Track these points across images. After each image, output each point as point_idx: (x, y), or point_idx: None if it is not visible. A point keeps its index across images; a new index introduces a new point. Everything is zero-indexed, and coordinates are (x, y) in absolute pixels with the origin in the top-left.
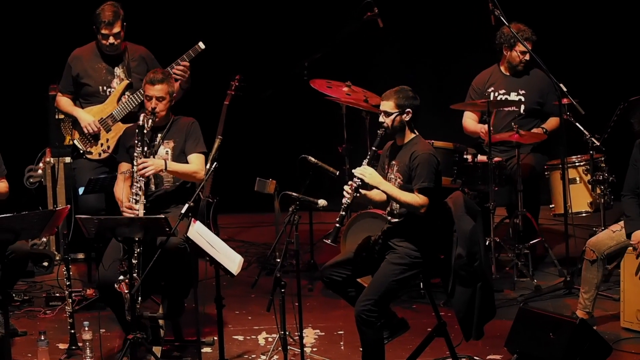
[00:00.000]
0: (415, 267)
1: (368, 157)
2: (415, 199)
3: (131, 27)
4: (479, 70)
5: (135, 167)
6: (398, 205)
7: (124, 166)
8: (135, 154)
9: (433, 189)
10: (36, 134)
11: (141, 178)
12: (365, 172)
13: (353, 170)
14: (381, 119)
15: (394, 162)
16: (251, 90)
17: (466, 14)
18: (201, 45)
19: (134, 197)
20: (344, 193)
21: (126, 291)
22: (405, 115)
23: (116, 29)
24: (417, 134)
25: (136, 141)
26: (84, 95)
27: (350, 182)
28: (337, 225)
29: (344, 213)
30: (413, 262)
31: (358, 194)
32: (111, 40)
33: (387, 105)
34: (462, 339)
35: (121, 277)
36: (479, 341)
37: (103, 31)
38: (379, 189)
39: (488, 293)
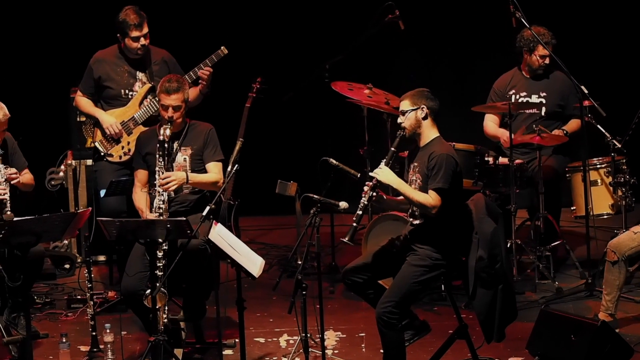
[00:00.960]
0: (435, 269)
1: (387, 157)
2: (427, 199)
3: (153, 31)
4: (500, 73)
5: (157, 181)
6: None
7: (140, 173)
8: (157, 168)
9: (447, 190)
10: (58, 137)
11: (164, 192)
12: (379, 171)
13: (370, 174)
14: (400, 119)
15: (415, 163)
16: (272, 92)
17: (487, 16)
18: (224, 49)
19: (158, 210)
20: (363, 194)
21: (158, 307)
22: (420, 111)
23: (145, 29)
24: (438, 134)
25: (157, 155)
26: (106, 99)
27: (367, 182)
28: (354, 224)
29: (360, 212)
30: (434, 263)
31: (375, 194)
32: (142, 41)
33: (404, 104)
34: (483, 341)
35: (148, 292)
36: (500, 343)
37: (133, 34)
38: (392, 187)
39: (509, 295)
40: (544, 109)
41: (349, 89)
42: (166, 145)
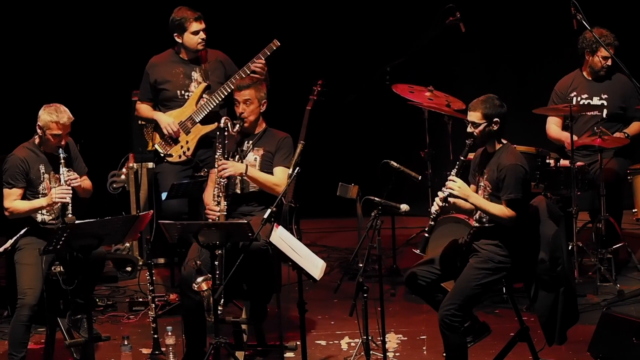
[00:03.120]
0: (498, 271)
1: (457, 167)
2: (503, 211)
3: (214, 34)
4: (562, 75)
5: (215, 169)
6: None
7: (214, 173)
8: (216, 156)
9: (520, 200)
10: (119, 140)
11: (222, 180)
12: (454, 184)
13: (445, 188)
14: (469, 129)
15: (484, 170)
16: (333, 95)
17: (548, 18)
18: (276, 42)
19: (215, 199)
20: (434, 204)
21: (205, 289)
22: (493, 125)
23: (204, 23)
24: (506, 142)
25: (217, 143)
26: (163, 101)
27: (439, 193)
28: (426, 234)
29: (433, 223)
30: (497, 266)
31: (447, 204)
32: (202, 35)
33: (475, 116)
34: (544, 344)
35: (199, 279)
36: (562, 346)
37: (193, 28)
38: (467, 201)
39: (571, 298)
40: (605, 111)
41: (410, 91)
42: (226, 133)
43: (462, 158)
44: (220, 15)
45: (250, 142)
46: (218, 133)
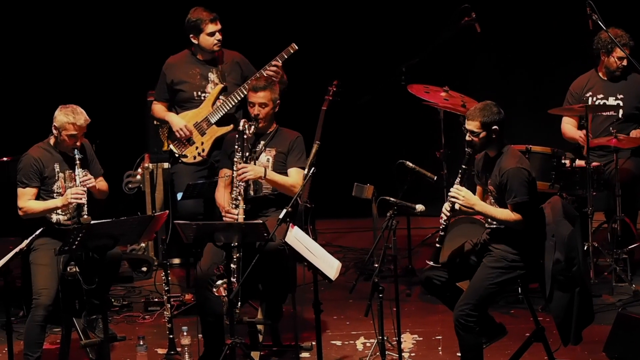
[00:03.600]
0: (512, 270)
1: (459, 176)
2: (510, 215)
3: (230, 35)
4: (577, 75)
5: (235, 172)
6: None
7: (225, 172)
8: (235, 159)
9: (526, 202)
10: (135, 140)
11: (241, 183)
12: (459, 194)
13: (451, 197)
14: (468, 137)
15: (487, 174)
16: (349, 95)
17: (564, 18)
18: (294, 46)
19: (234, 202)
20: (442, 214)
21: (224, 294)
22: (492, 133)
23: (220, 24)
24: (507, 145)
25: (236, 146)
26: (179, 102)
27: (446, 206)
28: (438, 245)
29: (443, 233)
30: (510, 265)
31: (454, 212)
32: (218, 36)
33: (473, 125)
34: (560, 344)
35: (219, 282)
36: (577, 346)
37: (209, 29)
38: (473, 209)
39: (586, 298)
40: (621, 111)
41: (426, 91)
42: (245, 136)
43: (463, 167)
44: (236, 16)
45: (262, 142)
46: (237, 136)
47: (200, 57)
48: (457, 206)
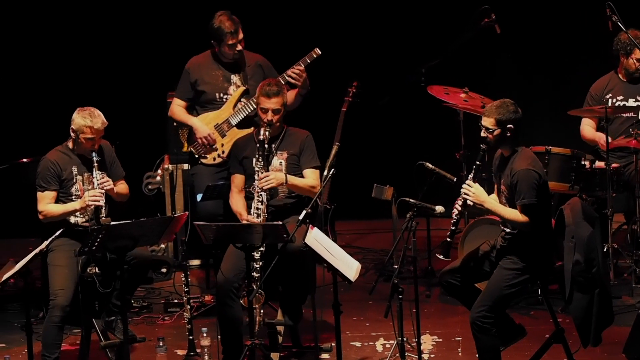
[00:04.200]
0: (528, 272)
1: (473, 172)
2: (517, 216)
3: (249, 36)
4: (597, 77)
5: (256, 182)
6: None
7: (237, 178)
8: (257, 169)
9: (534, 204)
10: (155, 141)
11: (262, 192)
12: (469, 190)
13: (463, 194)
14: (483, 134)
15: (501, 173)
16: (368, 96)
17: (584, 19)
18: (317, 51)
19: (256, 212)
20: (454, 209)
21: (255, 306)
22: (507, 131)
23: (240, 35)
24: (520, 146)
25: (257, 156)
26: (201, 103)
27: (457, 201)
28: (448, 239)
29: (454, 228)
30: (526, 267)
31: (466, 209)
32: (238, 47)
33: (488, 121)
34: (580, 346)
35: (250, 297)
36: (597, 348)
37: (230, 42)
38: (483, 206)
39: (606, 299)
40: None
41: (445, 92)
42: (266, 146)
43: (477, 163)
44: (256, 17)
45: (273, 146)
46: (258, 146)
47: (223, 59)
48: (468, 202)
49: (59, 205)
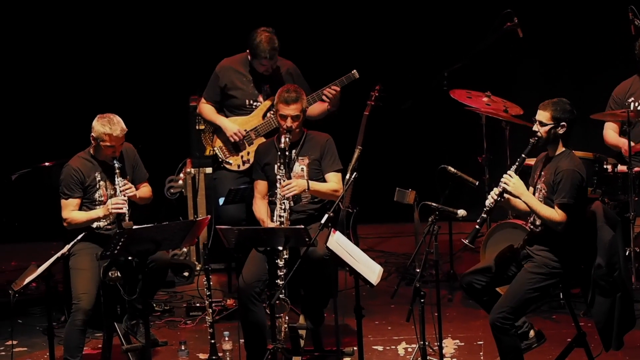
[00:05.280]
0: (553, 277)
1: (517, 164)
2: (554, 214)
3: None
4: (620, 81)
5: (279, 189)
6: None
7: (260, 184)
8: (279, 177)
9: (573, 205)
10: (177, 145)
11: (285, 200)
12: (509, 180)
13: (501, 181)
14: (535, 127)
15: (543, 172)
16: (391, 100)
17: (606, 23)
18: (356, 73)
19: (279, 219)
20: (489, 197)
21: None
22: (559, 128)
23: (274, 61)
24: (569, 148)
25: (278, 164)
26: (230, 107)
27: (496, 188)
28: (477, 227)
29: (485, 216)
30: (551, 272)
31: (502, 199)
32: (267, 68)
33: (543, 115)
34: (601, 350)
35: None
36: (619, 351)
37: (263, 62)
38: (520, 198)
39: (628, 303)
40: None
41: (468, 96)
42: (287, 153)
43: (523, 155)
44: (282, 20)
45: (294, 152)
46: (279, 154)
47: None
48: (506, 196)
49: (83, 212)
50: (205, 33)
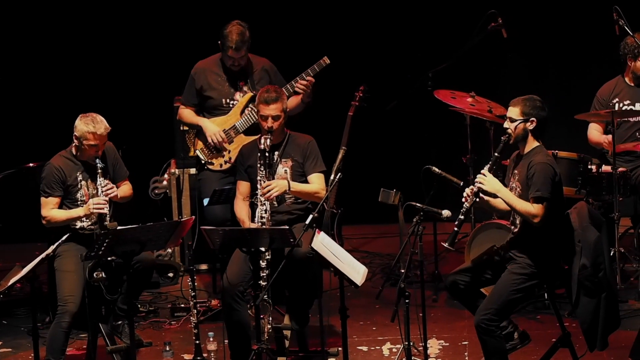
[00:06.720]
0: (535, 277)
1: (490, 162)
2: (530, 208)
3: (254, 38)
4: (604, 81)
5: (259, 191)
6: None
7: (242, 185)
8: (259, 177)
9: (548, 198)
10: (161, 146)
11: (266, 201)
12: (484, 179)
13: (476, 181)
14: (506, 124)
15: (515, 171)
16: (375, 101)
17: (591, 24)
18: (326, 59)
19: (260, 220)
20: (464, 197)
21: (261, 317)
22: (529, 123)
23: (242, 53)
24: (540, 144)
25: (259, 165)
26: (208, 108)
27: (470, 187)
28: (456, 229)
29: (462, 217)
30: (534, 272)
31: (478, 199)
32: (236, 62)
33: (513, 111)
34: (586, 350)
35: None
36: (604, 352)
37: (230, 54)
38: (497, 195)
39: (613, 303)
40: None
41: (452, 97)
42: (267, 154)
43: (496, 154)
44: (262, 18)
45: (277, 153)
46: (259, 155)
47: (227, 65)
48: (483, 196)
49: (63, 211)
50: (189, 34)
